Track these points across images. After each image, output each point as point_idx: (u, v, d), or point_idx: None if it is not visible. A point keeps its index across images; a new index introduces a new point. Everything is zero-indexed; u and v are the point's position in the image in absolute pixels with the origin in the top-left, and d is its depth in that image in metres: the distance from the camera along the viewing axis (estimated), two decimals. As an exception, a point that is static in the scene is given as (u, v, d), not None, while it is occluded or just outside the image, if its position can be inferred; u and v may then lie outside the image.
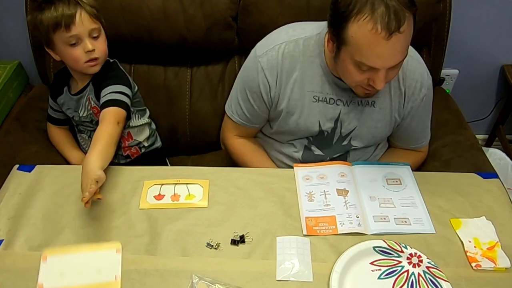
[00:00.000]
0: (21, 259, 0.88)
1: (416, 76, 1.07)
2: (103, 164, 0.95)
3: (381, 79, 0.92)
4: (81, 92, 1.21)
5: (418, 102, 1.10)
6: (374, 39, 0.86)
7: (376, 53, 0.88)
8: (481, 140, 2.04)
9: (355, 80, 0.98)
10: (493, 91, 1.84)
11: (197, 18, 1.33)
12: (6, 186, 1.03)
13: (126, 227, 0.95)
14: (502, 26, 1.60)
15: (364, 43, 0.87)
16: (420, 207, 1.00)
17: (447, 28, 1.41)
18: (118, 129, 1.09)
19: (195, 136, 1.49)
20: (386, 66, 0.91)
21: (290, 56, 1.06)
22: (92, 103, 1.19)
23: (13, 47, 1.60)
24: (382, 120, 1.11)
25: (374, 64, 0.90)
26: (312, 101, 1.09)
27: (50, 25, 1.06)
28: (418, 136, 1.19)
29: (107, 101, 1.11)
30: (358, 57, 0.90)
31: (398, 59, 0.91)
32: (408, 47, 0.92)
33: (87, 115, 1.22)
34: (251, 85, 1.11)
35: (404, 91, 1.08)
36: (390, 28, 0.84)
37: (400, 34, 0.85)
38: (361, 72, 0.94)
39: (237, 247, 0.92)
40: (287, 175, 1.07)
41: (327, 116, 1.10)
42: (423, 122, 1.17)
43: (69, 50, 1.10)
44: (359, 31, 0.87)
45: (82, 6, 1.08)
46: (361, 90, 1.01)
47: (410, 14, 0.86)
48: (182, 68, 1.46)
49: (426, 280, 0.86)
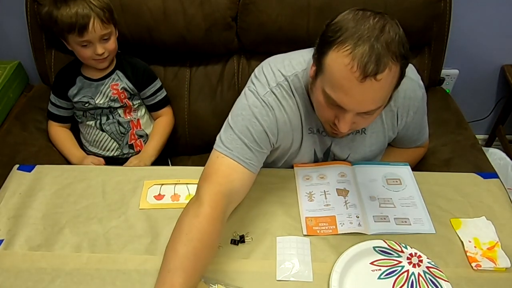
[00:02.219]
0: (21, 259, 0.88)
1: (408, 94, 1.01)
2: (156, 155, 1.31)
3: (346, 121, 0.86)
4: (104, 78, 1.28)
5: (412, 116, 1.06)
6: (347, 76, 0.78)
7: (345, 90, 0.81)
8: (481, 140, 2.04)
9: (323, 115, 0.92)
10: (493, 91, 1.84)
11: (196, 18, 1.33)
12: (6, 186, 1.03)
13: (126, 227, 0.95)
14: (502, 26, 1.60)
15: (337, 75, 0.80)
16: (420, 207, 1.00)
17: (447, 28, 1.41)
18: (173, 121, 1.42)
19: (194, 136, 1.49)
20: (353, 110, 0.84)
21: (288, 104, 0.98)
22: (120, 88, 1.28)
23: (13, 47, 1.59)
24: (375, 143, 1.09)
25: (340, 102, 0.83)
26: (307, 132, 1.04)
27: (65, 26, 1.13)
28: (416, 138, 1.18)
29: (160, 100, 1.36)
30: (328, 89, 0.83)
31: (368, 107, 0.83)
32: (386, 99, 0.85)
33: (104, 102, 1.28)
34: (256, 127, 0.95)
35: (396, 112, 1.04)
36: (366, 71, 0.77)
37: (376, 82, 0.78)
38: (329, 107, 0.87)
39: (237, 247, 0.92)
40: (287, 175, 1.07)
41: (321, 146, 1.08)
42: (419, 127, 1.14)
43: (80, 49, 1.19)
44: (336, 62, 0.80)
45: (94, 12, 1.13)
46: (329, 128, 0.96)
47: (395, 65, 0.79)
48: (181, 68, 1.46)
49: (426, 280, 0.86)
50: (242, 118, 0.95)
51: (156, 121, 1.39)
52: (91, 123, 1.32)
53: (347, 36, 0.79)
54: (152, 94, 1.34)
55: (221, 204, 0.86)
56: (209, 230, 0.82)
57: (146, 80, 1.32)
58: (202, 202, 0.85)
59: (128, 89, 1.29)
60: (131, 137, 1.35)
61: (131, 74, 1.29)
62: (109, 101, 1.28)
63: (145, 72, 1.32)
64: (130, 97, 1.31)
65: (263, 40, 1.37)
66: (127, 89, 1.29)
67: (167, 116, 1.39)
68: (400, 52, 0.79)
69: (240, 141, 0.93)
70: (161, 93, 1.36)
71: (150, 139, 1.35)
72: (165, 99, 1.38)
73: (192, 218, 0.84)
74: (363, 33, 0.78)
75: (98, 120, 1.32)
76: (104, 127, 1.32)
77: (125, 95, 1.29)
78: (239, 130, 0.94)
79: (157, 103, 1.36)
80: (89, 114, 1.31)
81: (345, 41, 0.79)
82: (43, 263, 0.87)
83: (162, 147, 1.35)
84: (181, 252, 0.79)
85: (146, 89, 1.32)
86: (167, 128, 1.38)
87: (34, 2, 1.33)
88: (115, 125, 1.32)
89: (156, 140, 1.34)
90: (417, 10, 1.30)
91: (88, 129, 1.33)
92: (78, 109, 1.31)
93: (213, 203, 0.85)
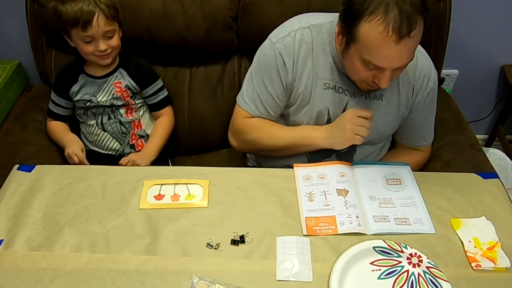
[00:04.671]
0: (21, 259, 0.88)
1: (425, 70, 1.10)
2: (156, 155, 1.31)
3: (386, 78, 0.95)
4: (107, 76, 1.28)
5: (425, 96, 1.12)
6: (384, 41, 0.87)
7: (384, 54, 0.90)
8: (481, 140, 2.04)
9: (360, 76, 1.00)
10: (493, 91, 1.84)
11: (197, 18, 1.33)
12: (6, 186, 1.03)
13: (126, 227, 0.95)
14: (502, 26, 1.61)
15: (374, 43, 0.89)
16: (420, 207, 1.00)
17: (447, 28, 1.41)
18: (174, 121, 1.42)
19: (194, 136, 1.49)
20: (393, 66, 0.93)
21: (305, 42, 1.08)
22: (123, 87, 1.28)
23: (13, 47, 1.60)
24: (389, 114, 1.13)
25: (381, 64, 0.92)
26: (323, 88, 1.10)
27: (69, 20, 1.14)
28: (422, 133, 1.20)
29: (161, 100, 1.36)
30: (366, 56, 0.92)
31: (405, 61, 0.93)
32: (415, 49, 0.94)
33: (107, 100, 1.28)
34: (270, 72, 1.11)
35: (413, 84, 1.10)
36: (401, 32, 0.85)
37: (410, 39, 0.87)
38: (367, 69, 0.96)
39: (237, 247, 0.92)
40: (287, 175, 1.07)
41: (336, 105, 1.11)
42: (428, 119, 1.19)
43: (83, 44, 1.20)
44: (371, 31, 0.88)
45: (100, 8, 1.14)
46: (365, 85, 1.04)
47: (421, 19, 0.87)
48: (181, 68, 1.46)
49: (426, 280, 0.86)
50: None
51: (157, 121, 1.39)
52: (92, 122, 1.32)
53: (376, 5, 0.86)
54: (154, 93, 1.34)
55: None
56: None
57: (148, 78, 1.32)
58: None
59: (131, 87, 1.29)
60: (132, 137, 1.35)
61: (134, 72, 1.29)
62: (111, 99, 1.28)
63: (147, 70, 1.33)
64: (133, 96, 1.31)
65: (263, 40, 1.37)
66: (130, 87, 1.29)
67: (167, 116, 1.39)
68: (423, 6, 0.87)
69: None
70: (163, 92, 1.36)
71: (151, 139, 1.35)
72: (166, 99, 1.38)
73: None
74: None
75: (100, 120, 1.32)
76: (106, 127, 1.32)
77: (128, 93, 1.29)
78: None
79: (158, 103, 1.36)
80: (90, 113, 1.31)
81: (374, 10, 0.86)
82: (43, 263, 0.87)
83: (162, 146, 1.35)
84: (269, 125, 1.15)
85: (148, 88, 1.32)
86: (167, 128, 1.38)
87: (34, 2, 1.33)
88: (117, 125, 1.32)
89: (157, 139, 1.34)
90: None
91: (90, 129, 1.33)
92: (80, 108, 1.31)
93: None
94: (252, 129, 1.18)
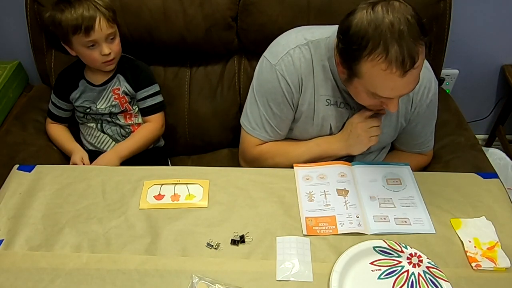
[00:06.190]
0: (21, 259, 0.88)
1: (425, 82, 1.08)
2: (127, 156, 1.25)
3: (395, 104, 0.95)
4: (106, 83, 1.26)
5: (424, 108, 1.10)
6: (389, 78, 0.86)
7: (390, 87, 0.89)
8: (481, 140, 2.04)
9: (367, 104, 1.01)
10: (493, 91, 1.84)
11: (196, 18, 1.33)
12: (6, 186, 1.03)
13: (126, 227, 0.95)
14: (502, 26, 1.60)
15: (378, 80, 0.88)
16: (420, 207, 1.00)
17: (447, 28, 1.41)
18: (161, 131, 1.34)
19: (194, 136, 1.49)
20: (400, 95, 0.93)
21: (305, 60, 1.05)
22: (121, 93, 1.27)
23: (13, 47, 1.59)
24: (388, 126, 1.12)
25: (389, 95, 0.92)
26: (325, 104, 1.08)
27: (70, 27, 1.13)
28: (422, 141, 1.19)
29: (152, 105, 1.30)
30: (372, 90, 0.91)
31: (412, 88, 0.92)
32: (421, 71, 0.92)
33: (106, 107, 1.27)
34: (275, 96, 1.08)
35: (412, 97, 1.08)
36: (405, 67, 0.84)
37: (414, 70, 0.86)
38: (374, 99, 0.95)
39: (237, 247, 0.92)
40: (287, 175, 1.07)
41: (337, 119, 1.10)
42: (428, 128, 1.17)
43: (86, 51, 1.18)
44: (373, 70, 0.87)
45: (100, 11, 1.13)
46: (373, 108, 1.04)
47: (422, 46, 0.86)
48: (181, 68, 1.46)
49: (426, 280, 0.86)
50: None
51: (142, 125, 1.33)
52: (92, 124, 1.32)
53: (374, 44, 0.84)
54: (146, 97, 1.29)
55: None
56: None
57: (143, 81, 1.29)
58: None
59: (128, 93, 1.28)
60: None
61: (131, 76, 1.28)
62: (110, 107, 1.27)
63: (143, 73, 1.30)
64: (131, 101, 1.30)
65: (263, 40, 1.36)
66: (127, 92, 1.28)
67: (153, 124, 1.32)
68: (422, 32, 0.85)
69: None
70: (155, 98, 1.30)
71: (126, 140, 1.30)
72: (156, 106, 1.31)
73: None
74: (385, 34, 0.83)
75: (99, 123, 1.31)
76: (105, 130, 1.31)
77: (126, 99, 1.28)
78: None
79: (147, 108, 1.30)
80: (90, 117, 1.31)
81: (374, 49, 0.84)
82: (43, 263, 0.87)
83: (135, 151, 1.28)
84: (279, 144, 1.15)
85: (141, 90, 1.29)
86: (148, 135, 1.31)
87: (34, 2, 1.33)
88: (117, 128, 1.31)
89: (131, 142, 1.28)
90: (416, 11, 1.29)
91: (89, 130, 1.33)
92: (80, 112, 1.31)
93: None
94: (268, 157, 1.16)
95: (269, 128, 1.13)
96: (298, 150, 1.14)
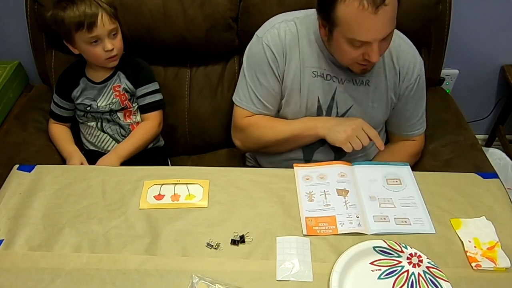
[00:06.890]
0: (21, 259, 0.88)
1: (409, 57, 1.14)
2: (126, 157, 1.25)
3: (375, 51, 0.98)
4: (106, 81, 1.27)
5: (412, 83, 1.15)
6: (362, 15, 0.91)
7: (366, 27, 0.93)
8: (481, 140, 2.04)
9: (350, 58, 1.02)
10: (493, 91, 1.84)
11: (197, 18, 1.33)
12: (6, 186, 1.03)
13: (126, 227, 0.95)
14: (502, 26, 1.61)
15: (353, 20, 0.93)
16: (420, 207, 1.00)
17: (447, 29, 1.41)
18: (159, 130, 1.34)
19: (194, 136, 1.49)
20: (377, 38, 0.96)
21: (291, 33, 1.11)
22: (121, 90, 1.28)
23: (13, 47, 1.60)
24: (378, 100, 1.15)
25: (366, 38, 0.95)
26: (311, 76, 1.12)
27: (73, 24, 1.14)
28: (413, 122, 1.23)
29: (151, 103, 1.31)
30: (350, 34, 0.96)
31: (387, 31, 0.96)
32: (395, 17, 0.97)
33: (106, 105, 1.28)
34: (261, 66, 1.14)
35: (398, 70, 1.13)
36: (375, 2, 0.90)
37: (386, 6, 0.91)
38: (355, 48, 0.99)
39: (237, 247, 0.92)
40: (287, 175, 1.07)
41: (325, 92, 1.14)
42: (418, 108, 1.21)
43: (89, 48, 1.19)
44: (347, 10, 0.92)
45: (102, 7, 1.15)
46: (358, 66, 1.06)
47: None
48: (181, 68, 1.46)
49: (426, 280, 0.86)
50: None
51: (140, 124, 1.33)
52: (92, 124, 1.32)
53: None
54: (145, 94, 1.30)
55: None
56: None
57: (143, 79, 1.30)
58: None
59: (128, 90, 1.29)
60: None
61: (131, 73, 1.29)
62: (110, 104, 1.28)
63: (144, 70, 1.31)
64: (131, 99, 1.31)
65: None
66: (127, 89, 1.28)
67: (151, 122, 1.32)
68: None
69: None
70: (154, 96, 1.31)
71: (125, 140, 1.30)
72: (155, 103, 1.31)
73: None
74: None
75: (99, 122, 1.32)
76: (105, 129, 1.32)
77: (126, 96, 1.29)
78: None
79: (146, 105, 1.31)
80: (90, 115, 1.31)
81: None
82: (43, 263, 0.87)
83: (134, 151, 1.28)
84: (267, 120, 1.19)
85: (140, 87, 1.30)
86: (146, 133, 1.31)
87: (34, 2, 1.33)
88: (117, 128, 1.32)
89: (129, 143, 1.28)
90: (414, 13, 1.30)
91: (89, 130, 1.33)
92: (80, 110, 1.31)
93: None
94: (254, 127, 1.20)
95: (256, 100, 1.18)
96: (283, 123, 1.19)
